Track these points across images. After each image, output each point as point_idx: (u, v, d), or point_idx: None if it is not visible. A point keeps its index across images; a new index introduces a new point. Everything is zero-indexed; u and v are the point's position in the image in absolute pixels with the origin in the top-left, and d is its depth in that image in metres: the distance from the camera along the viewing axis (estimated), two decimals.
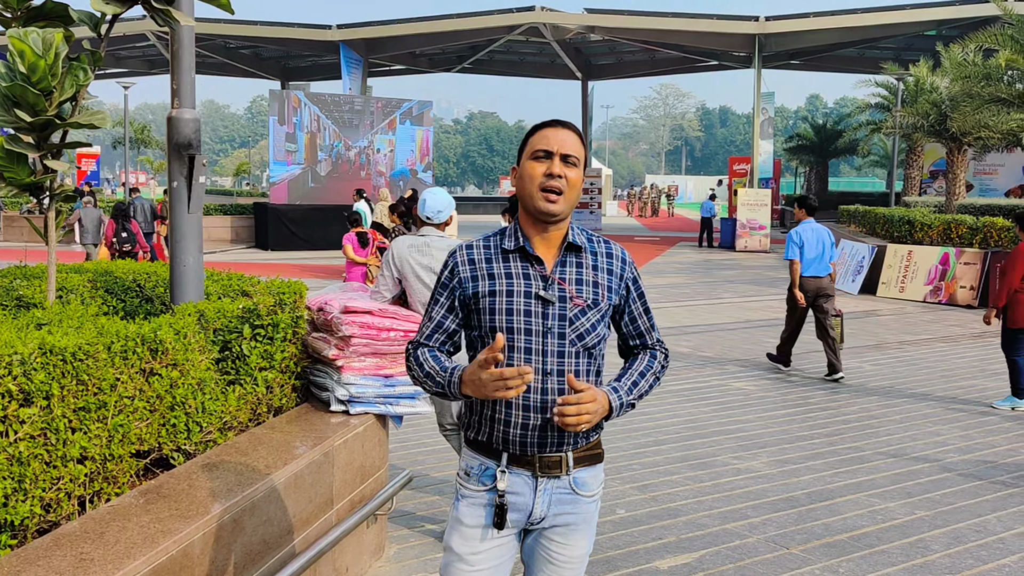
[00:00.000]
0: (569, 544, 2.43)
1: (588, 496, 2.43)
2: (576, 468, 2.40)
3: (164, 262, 5.18)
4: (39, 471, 2.68)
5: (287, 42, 37.51)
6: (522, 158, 2.41)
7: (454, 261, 2.44)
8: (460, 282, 2.41)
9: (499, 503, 2.35)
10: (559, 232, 2.41)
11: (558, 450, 2.36)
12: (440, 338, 2.46)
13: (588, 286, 2.39)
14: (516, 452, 2.36)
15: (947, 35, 28.77)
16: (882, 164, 46.27)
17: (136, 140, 46.95)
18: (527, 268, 2.37)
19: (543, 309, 2.34)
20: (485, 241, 2.46)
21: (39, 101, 3.49)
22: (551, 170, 2.32)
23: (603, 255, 2.45)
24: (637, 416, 7.43)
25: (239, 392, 3.77)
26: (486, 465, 2.40)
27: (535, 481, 2.37)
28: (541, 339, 2.33)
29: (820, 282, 9.04)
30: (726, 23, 32.95)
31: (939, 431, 7.13)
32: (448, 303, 2.44)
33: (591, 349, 2.39)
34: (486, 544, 2.39)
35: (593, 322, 2.38)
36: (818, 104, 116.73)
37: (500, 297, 2.35)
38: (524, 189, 2.37)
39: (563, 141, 2.35)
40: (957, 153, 22.79)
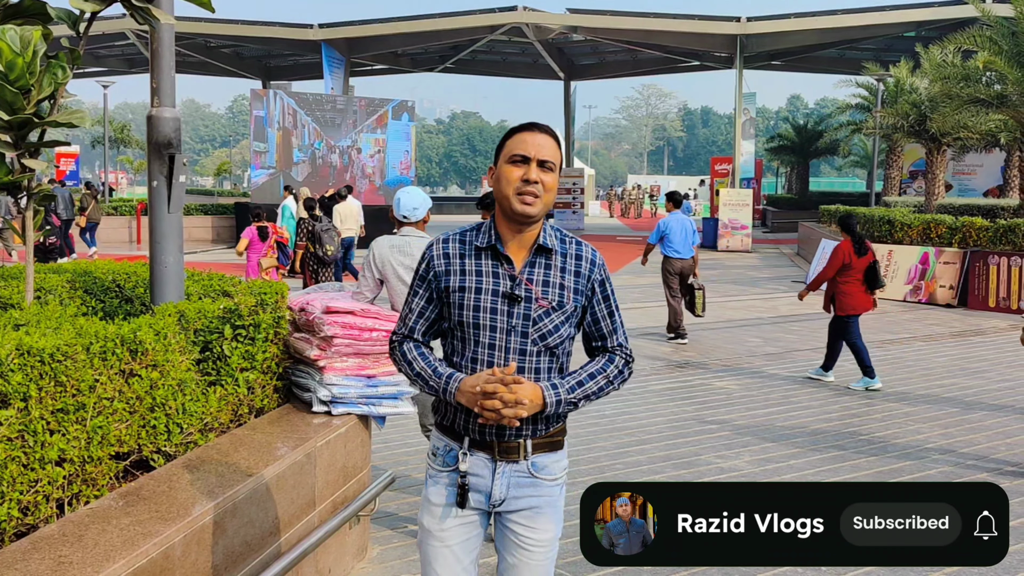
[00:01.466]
0: (536, 528, 2.53)
1: (549, 480, 2.53)
2: (535, 454, 2.51)
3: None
4: (16, 473, 2.65)
5: (268, 41, 37.31)
6: (499, 160, 2.49)
7: (430, 254, 2.55)
8: (435, 275, 2.52)
9: (461, 483, 2.49)
10: (532, 233, 2.50)
11: (516, 438, 2.48)
12: (422, 328, 2.57)
13: (554, 288, 2.48)
14: (476, 437, 2.49)
15: (926, 36, 28.96)
16: (862, 164, 46.61)
17: (116, 139, 46.60)
18: (497, 267, 2.47)
19: (509, 308, 2.44)
20: (461, 236, 2.55)
21: (17, 99, 3.44)
22: (528, 175, 2.41)
23: (572, 257, 2.53)
24: (620, 416, 7.44)
25: (220, 393, 3.74)
26: (450, 447, 2.54)
27: (494, 464, 2.49)
28: (505, 336, 2.44)
29: (684, 262, 11.29)
30: (708, 24, 33.06)
31: (919, 429, 7.17)
32: (427, 294, 2.55)
33: (553, 349, 2.49)
34: (453, 521, 2.52)
35: (557, 323, 2.47)
36: (799, 105, 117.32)
37: (469, 293, 2.46)
38: (501, 191, 2.46)
39: (540, 146, 2.43)
40: (936, 153, 23.00)
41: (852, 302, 8.78)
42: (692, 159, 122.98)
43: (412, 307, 2.57)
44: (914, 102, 22.99)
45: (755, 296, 16.12)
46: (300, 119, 26.45)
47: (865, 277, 8.78)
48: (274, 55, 42.71)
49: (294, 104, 26.43)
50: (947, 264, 15.37)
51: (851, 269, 8.72)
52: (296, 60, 42.98)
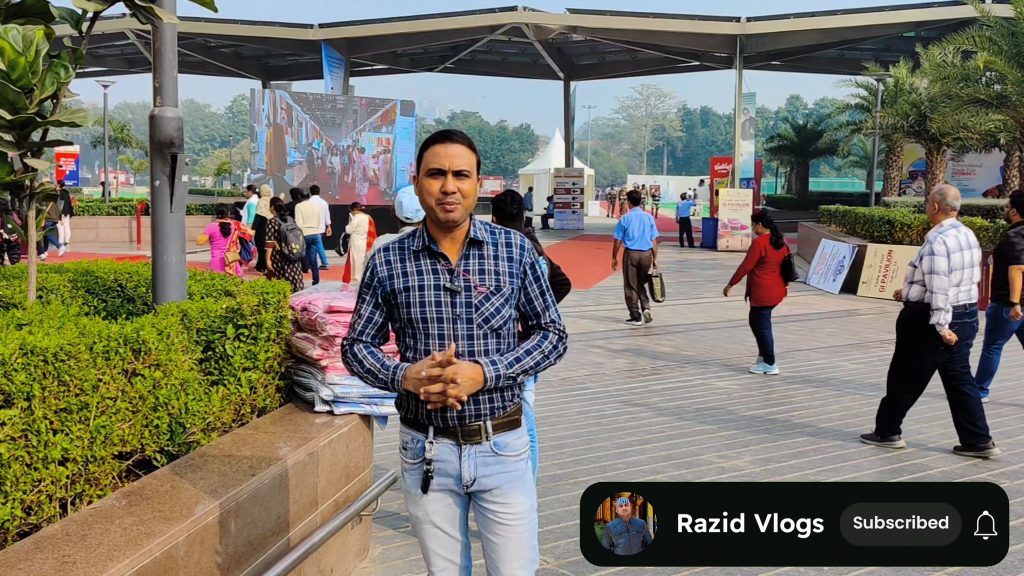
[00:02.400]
0: (510, 503, 2.71)
1: (513, 456, 2.72)
2: (496, 434, 2.69)
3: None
4: (20, 473, 2.65)
5: (268, 41, 37.26)
6: (420, 172, 2.68)
7: (373, 263, 2.75)
8: (379, 281, 2.72)
9: (425, 470, 2.68)
10: (462, 231, 2.70)
11: (476, 420, 2.67)
12: (371, 331, 2.77)
13: (490, 274, 2.68)
14: (440, 425, 2.66)
15: (926, 37, 28.97)
16: (862, 164, 46.61)
17: (116, 139, 46.57)
18: (435, 264, 2.68)
19: (451, 299, 2.64)
20: (400, 243, 2.75)
21: (19, 99, 3.44)
22: (445, 187, 2.61)
23: (503, 245, 2.73)
24: (620, 415, 7.45)
25: (222, 393, 3.74)
26: (417, 439, 2.72)
27: (459, 448, 2.67)
28: (451, 325, 2.64)
29: (642, 254, 12.55)
30: (707, 24, 33.04)
31: (921, 429, 7.17)
32: (373, 301, 2.75)
33: (498, 330, 2.69)
34: (434, 505, 2.73)
35: (497, 305, 2.67)
36: (798, 105, 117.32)
37: (413, 292, 2.66)
38: (425, 202, 2.66)
39: (453, 157, 2.62)
40: (936, 153, 23.01)
41: (767, 294, 9.31)
42: (691, 159, 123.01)
43: (360, 313, 2.77)
44: (914, 102, 23.00)
45: None
46: (296, 116, 25.97)
47: (781, 270, 9.32)
48: (274, 55, 42.68)
49: (288, 99, 26.01)
50: None
51: (768, 262, 9.26)
52: (296, 60, 42.94)
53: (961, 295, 6.37)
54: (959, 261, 6.29)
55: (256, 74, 45.17)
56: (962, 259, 6.32)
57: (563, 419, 7.32)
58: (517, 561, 2.73)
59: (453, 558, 2.78)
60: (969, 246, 6.41)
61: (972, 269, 6.42)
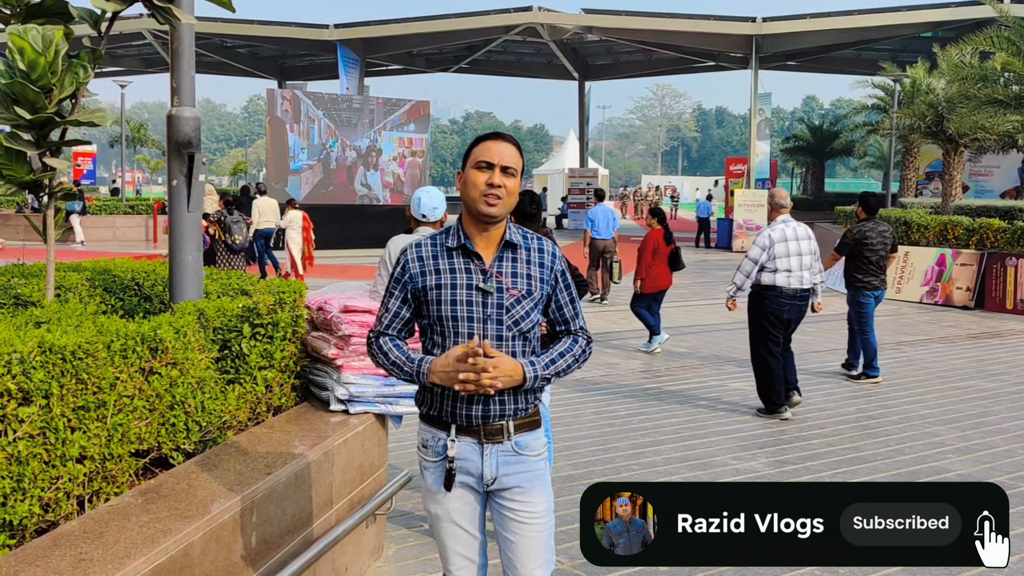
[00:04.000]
0: (529, 500, 2.72)
1: (533, 456, 2.75)
2: (517, 434, 2.71)
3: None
4: (38, 470, 2.67)
5: (284, 41, 37.41)
6: (466, 166, 2.70)
7: (405, 259, 2.75)
8: (411, 277, 2.73)
9: (448, 468, 2.70)
10: (498, 231, 2.72)
11: (499, 420, 2.69)
12: (397, 326, 2.77)
13: (522, 278, 2.71)
14: (463, 424, 2.68)
15: (943, 37, 28.77)
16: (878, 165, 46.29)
17: (133, 139, 46.83)
18: (468, 263, 2.69)
19: (483, 299, 2.66)
20: (433, 240, 2.76)
21: (39, 98, 3.47)
22: (492, 180, 2.63)
23: (536, 250, 2.77)
24: (635, 416, 7.43)
25: (239, 391, 3.76)
26: (439, 437, 2.73)
27: (481, 447, 2.70)
28: (482, 325, 2.66)
29: (606, 242, 14.59)
30: (723, 24, 32.94)
31: (937, 432, 7.13)
32: (402, 296, 2.75)
33: (526, 333, 2.72)
34: (454, 504, 2.74)
35: (528, 309, 2.70)
36: (814, 105, 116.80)
37: (445, 290, 2.67)
38: (467, 194, 2.67)
39: (503, 154, 2.66)
40: (953, 154, 22.82)
41: (657, 283, 10.52)
42: (706, 159, 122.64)
43: (388, 307, 2.77)
44: (931, 103, 22.81)
45: None
46: (306, 112, 25.29)
47: (669, 261, 10.55)
48: (290, 55, 42.85)
49: (302, 96, 25.64)
50: (964, 266, 15.26)
51: (659, 254, 10.47)
52: (312, 60, 43.09)
53: (792, 280, 7.34)
54: (783, 250, 7.30)
55: (272, 74, 45.35)
56: (787, 248, 7.32)
57: (577, 420, 7.31)
58: (535, 561, 2.74)
59: (471, 555, 2.79)
60: (796, 238, 7.37)
61: (800, 258, 7.34)
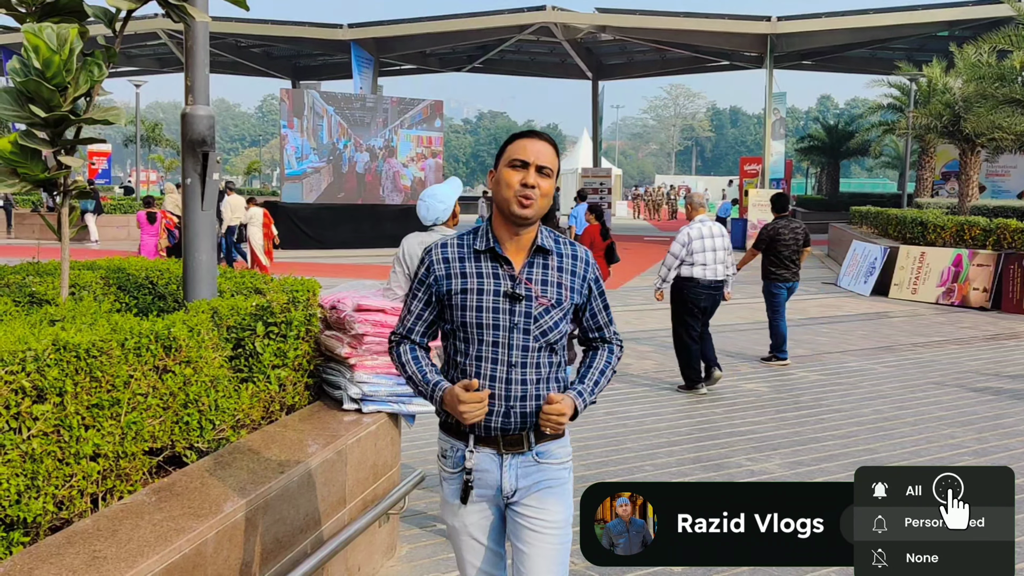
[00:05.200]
0: (545, 508, 2.60)
1: (555, 464, 2.64)
2: (539, 443, 2.62)
3: None
4: (52, 468, 2.67)
5: (298, 41, 37.54)
6: (500, 164, 2.61)
7: (430, 259, 2.64)
8: (436, 279, 2.61)
9: (465, 480, 2.59)
10: (529, 235, 2.61)
11: (520, 430, 2.59)
12: (420, 329, 2.69)
13: (552, 286, 2.59)
14: (481, 434, 2.58)
15: (960, 36, 28.60)
16: (894, 165, 46.07)
17: (147, 138, 47.07)
18: (497, 268, 2.57)
19: (510, 307, 2.55)
20: (459, 240, 2.65)
21: (53, 97, 3.47)
22: (526, 180, 2.52)
23: (568, 257, 2.66)
24: (649, 417, 7.40)
25: (252, 390, 3.75)
26: (457, 447, 2.63)
27: (500, 458, 2.59)
28: (508, 334, 2.55)
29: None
30: (738, 23, 32.84)
31: (954, 433, 7.07)
32: (425, 298, 2.65)
33: (553, 344, 2.61)
34: (473, 516, 2.63)
35: (556, 320, 2.59)
36: (829, 105, 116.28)
37: (471, 295, 2.55)
38: (500, 194, 2.57)
39: (539, 153, 2.55)
40: (970, 154, 22.68)
41: None
42: (720, 159, 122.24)
43: (411, 309, 2.68)
44: (947, 102, 22.67)
45: None
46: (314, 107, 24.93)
47: (605, 255, 11.26)
48: (304, 55, 42.99)
49: (316, 96, 25.47)
50: (980, 266, 15.14)
51: (596, 248, 11.13)
52: (326, 60, 43.21)
53: (708, 272, 8.22)
54: (700, 246, 8.19)
55: (286, 74, 45.51)
56: (703, 245, 8.20)
57: (590, 420, 7.28)
58: (545, 575, 2.57)
59: (490, 570, 2.68)
60: (712, 235, 8.26)
61: (715, 253, 8.24)
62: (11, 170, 3.60)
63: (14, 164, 3.59)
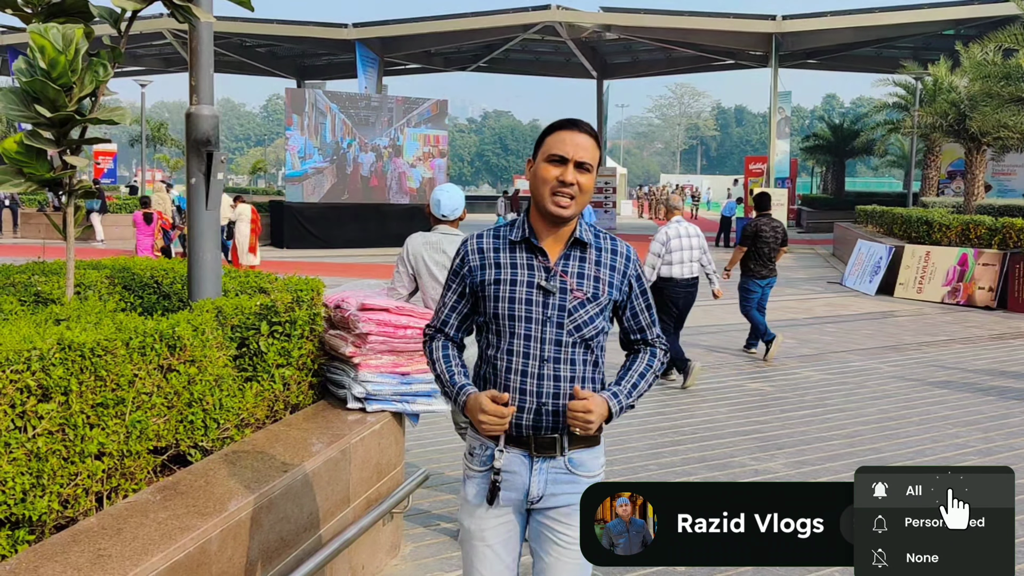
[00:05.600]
0: (573, 525, 2.48)
1: (587, 477, 2.52)
2: (572, 449, 2.50)
3: None
4: (57, 467, 2.68)
5: (303, 40, 37.61)
6: (538, 156, 2.48)
7: (465, 250, 2.57)
8: (470, 270, 2.54)
9: (492, 480, 2.48)
10: (568, 229, 2.51)
11: (553, 432, 2.48)
12: (455, 323, 2.61)
13: (589, 280, 2.49)
14: (512, 433, 2.48)
15: (966, 35, 28.53)
16: (899, 164, 46.03)
17: (153, 138, 47.17)
18: (531, 259, 2.49)
19: (544, 299, 2.46)
20: (495, 232, 2.58)
21: (59, 97, 3.49)
22: (564, 177, 2.41)
23: (608, 251, 2.55)
24: (654, 416, 7.40)
25: (256, 389, 3.76)
26: (486, 446, 2.53)
27: (531, 461, 2.49)
28: (540, 327, 2.45)
29: None
30: (743, 22, 32.81)
31: (959, 433, 7.06)
32: (460, 289, 2.58)
33: (588, 341, 2.50)
34: (492, 521, 2.51)
35: (592, 315, 2.48)
36: (835, 104, 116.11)
37: (504, 286, 2.48)
38: (537, 189, 2.46)
39: (578, 146, 2.42)
40: (976, 153, 22.64)
41: None
42: (726, 158, 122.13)
43: (445, 301, 2.61)
44: (953, 101, 22.64)
45: (790, 297, 15.97)
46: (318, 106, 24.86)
47: None
48: (309, 54, 43.04)
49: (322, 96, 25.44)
50: (986, 266, 15.12)
51: None
52: (330, 59, 43.27)
53: (684, 271, 8.66)
54: (676, 245, 8.60)
55: (291, 73, 45.58)
56: (680, 244, 8.62)
57: None
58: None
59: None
60: (688, 235, 8.71)
61: (690, 252, 8.67)
62: (17, 170, 3.62)
63: (20, 164, 3.60)
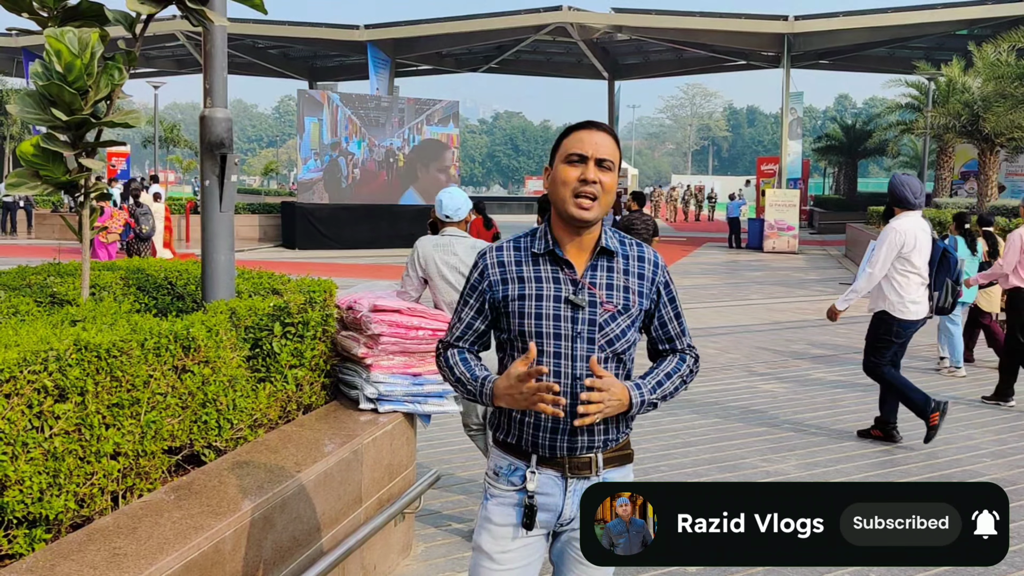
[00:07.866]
0: None
1: None
2: (606, 469, 2.39)
3: None
4: (73, 466, 2.71)
5: (315, 42, 37.68)
6: (555, 160, 2.36)
7: (484, 263, 2.41)
8: (490, 285, 2.39)
9: (528, 504, 2.35)
10: (592, 236, 2.37)
11: (588, 452, 2.37)
12: (470, 339, 2.47)
13: (619, 291, 2.36)
14: (546, 455, 2.36)
15: (979, 35, 28.40)
16: (912, 165, 45.80)
17: (166, 139, 47.38)
18: (557, 272, 2.34)
19: (573, 314, 2.31)
20: (515, 243, 2.43)
21: (75, 100, 3.52)
22: (585, 175, 2.28)
23: (635, 259, 2.41)
24: (665, 418, 7.40)
25: (269, 390, 3.79)
26: (515, 465, 2.40)
27: (565, 482, 2.37)
28: (571, 344, 2.31)
29: None
30: (755, 22, 32.72)
31: (972, 435, 7.04)
32: (477, 305, 2.43)
33: (621, 355, 2.38)
34: (515, 544, 2.38)
35: (623, 327, 2.36)
36: (847, 104, 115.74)
37: (530, 301, 2.33)
38: (557, 194, 2.33)
39: (598, 144, 2.30)
40: (989, 154, 22.54)
41: None
42: (737, 159, 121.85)
43: (461, 317, 2.46)
44: (966, 102, 22.54)
45: (801, 298, 15.93)
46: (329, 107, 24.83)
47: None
48: (320, 56, 43.16)
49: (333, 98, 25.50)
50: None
51: (482, 237, 11.55)
52: (342, 61, 43.37)
53: None
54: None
55: (303, 75, 45.70)
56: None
57: None
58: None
59: None
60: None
61: None
62: (33, 172, 3.65)
63: (36, 166, 3.64)
